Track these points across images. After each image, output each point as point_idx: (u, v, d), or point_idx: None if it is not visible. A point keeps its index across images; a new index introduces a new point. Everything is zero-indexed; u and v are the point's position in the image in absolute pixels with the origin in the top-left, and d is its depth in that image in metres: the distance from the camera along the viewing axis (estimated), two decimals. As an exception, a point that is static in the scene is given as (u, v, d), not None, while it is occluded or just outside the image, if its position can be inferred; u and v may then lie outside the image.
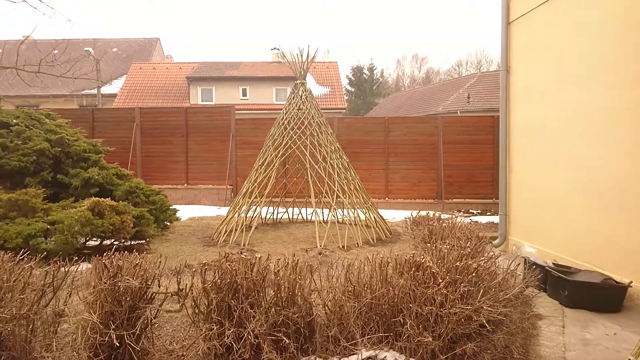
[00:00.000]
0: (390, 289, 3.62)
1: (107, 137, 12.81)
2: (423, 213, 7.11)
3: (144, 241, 8.24)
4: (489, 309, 3.31)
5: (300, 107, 9.43)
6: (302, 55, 9.42)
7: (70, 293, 4.10)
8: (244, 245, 8.42)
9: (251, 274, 3.65)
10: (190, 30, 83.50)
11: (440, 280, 3.52)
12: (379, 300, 3.69)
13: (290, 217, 11.56)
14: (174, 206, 10.37)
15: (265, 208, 10.27)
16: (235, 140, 14.55)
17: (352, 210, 8.89)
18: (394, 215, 12.37)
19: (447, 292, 3.42)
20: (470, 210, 13.83)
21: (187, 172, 14.77)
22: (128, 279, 3.60)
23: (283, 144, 9.13)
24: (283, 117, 9.47)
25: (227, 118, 14.63)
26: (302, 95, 9.52)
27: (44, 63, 9.44)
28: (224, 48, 77.27)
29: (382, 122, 14.41)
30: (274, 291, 3.53)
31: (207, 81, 30.21)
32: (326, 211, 11.08)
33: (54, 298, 3.92)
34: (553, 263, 5.82)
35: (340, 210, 9.20)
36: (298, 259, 3.94)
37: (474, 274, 3.50)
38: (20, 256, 4.09)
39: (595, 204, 6.01)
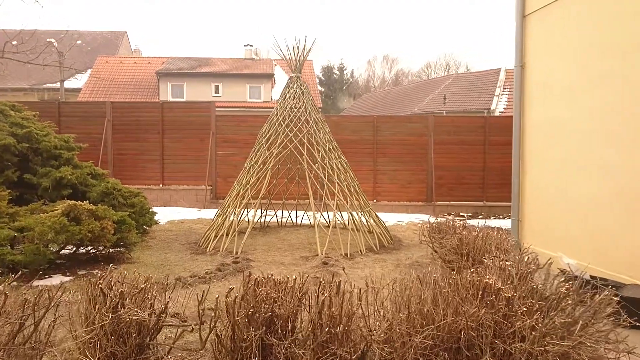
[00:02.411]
0: (462, 318, 2.97)
1: (76, 133, 11.62)
2: (442, 219, 6.51)
3: (124, 249, 7.36)
4: (593, 345, 2.70)
5: (296, 103, 8.71)
6: (298, 47, 8.71)
7: (55, 323, 3.29)
8: (236, 253, 7.64)
9: (292, 303, 2.93)
10: (156, 24, 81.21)
11: (525, 308, 2.89)
12: (444, 331, 3.04)
13: (279, 220, 10.80)
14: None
15: (252, 211, 9.48)
16: (216, 138, 13.67)
17: (354, 214, 8.23)
18: (387, 219, 11.77)
19: (536, 323, 2.79)
20: (461, 213, 13.38)
21: (162, 172, 13.80)
22: (136, 311, 2.83)
23: (278, 142, 8.39)
24: (277, 114, 8.73)
25: (207, 114, 13.74)
26: (297, 90, 8.81)
27: (8, 50, 8.45)
28: (192, 43, 75.48)
29: (371, 120, 13.81)
30: (326, 324, 2.82)
31: (178, 77, 29.06)
32: (322, 215, 10.44)
33: (35, 332, 3.11)
34: (590, 276, 5.31)
35: (339, 214, 8.51)
36: (340, 281, 3.26)
37: (568, 300, 2.88)
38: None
39: (631, 211, 5.53)
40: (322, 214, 9.69)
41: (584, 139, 6.36)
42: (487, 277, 3.33)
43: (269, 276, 3.36)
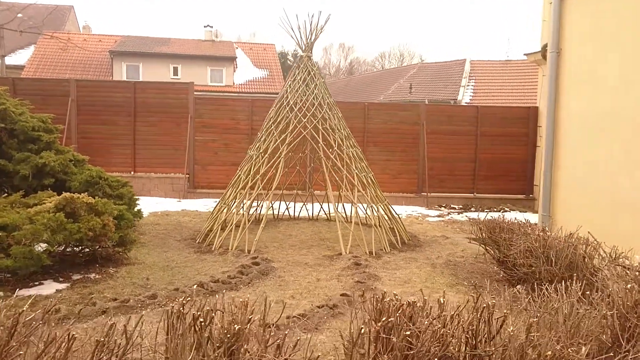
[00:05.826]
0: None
1: (35, 113, 10.36)
2: (494, 215, 5.93)
3: (121, 248, 6.34)
4: None
5: (308, 85, 7.90)
6: (311, 24, 7.88)
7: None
8: (249, 251, 6.80)
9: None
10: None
11: None
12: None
13: (274, 213, 9.95)
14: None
15: (247, 203, 8.61)
16: (194, 122, 12.58)
17: (375, 207, 7.56)
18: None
19: None
20: (452, 206, 13.00)
21: (134, 158, 12.56)
22: None
23: (290, 128, 7.57)
24: (286, 97, 7.89)
25: (184, 97, 12.59)
26: (309, 71, 7.99)
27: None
28: (145, 22, 71.89)
29: (362, 107, 13.12)
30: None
31: (134, 57, 27.26)
32: (324, 207, 9.78)
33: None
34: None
35: (353, 207, 7.81)
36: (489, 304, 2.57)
37: None
38: None
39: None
40: (344, 207, 8.86)
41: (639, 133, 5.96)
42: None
43: (397, 299, 2.63)
